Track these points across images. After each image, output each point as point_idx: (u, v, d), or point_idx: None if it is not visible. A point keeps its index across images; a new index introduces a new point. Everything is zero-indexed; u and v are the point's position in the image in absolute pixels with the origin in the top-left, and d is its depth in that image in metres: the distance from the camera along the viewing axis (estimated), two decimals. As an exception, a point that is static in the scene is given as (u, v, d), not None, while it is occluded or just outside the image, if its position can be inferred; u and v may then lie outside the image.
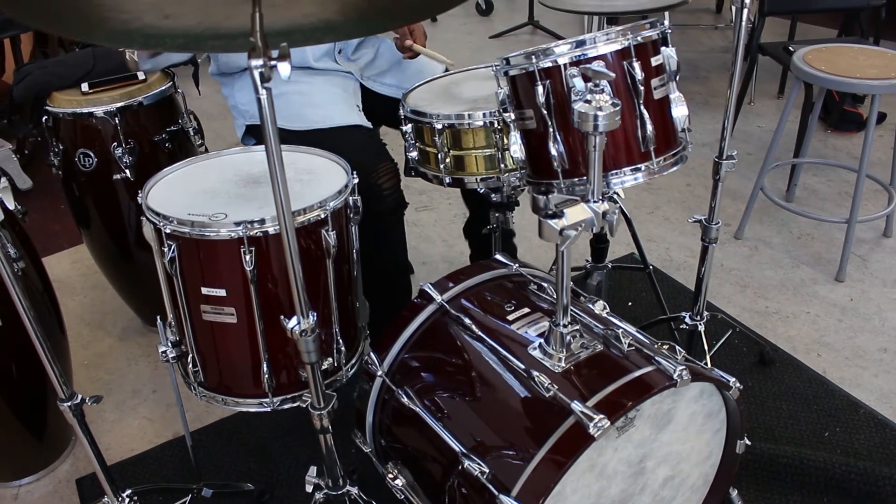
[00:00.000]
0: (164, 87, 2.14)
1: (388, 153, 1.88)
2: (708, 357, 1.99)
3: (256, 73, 1.00)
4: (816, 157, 3.35)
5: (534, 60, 1.30)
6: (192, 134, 2.22)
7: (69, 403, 1.45)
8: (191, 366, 1.59)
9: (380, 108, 2.08)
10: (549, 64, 1.29)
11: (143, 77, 2.14)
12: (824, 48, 2.65)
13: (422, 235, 2.91)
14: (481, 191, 1.87)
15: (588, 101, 1.14)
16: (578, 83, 1.20)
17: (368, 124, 1.95)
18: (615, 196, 1.43)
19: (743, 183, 3.06)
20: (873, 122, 2.46)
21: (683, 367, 1.28)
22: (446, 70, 2.03)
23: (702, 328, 1.98)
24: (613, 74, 1.15)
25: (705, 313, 1.99)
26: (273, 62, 1.01)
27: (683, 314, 2.01)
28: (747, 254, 2.76)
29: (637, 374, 1.30)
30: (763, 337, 2.32)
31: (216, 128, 3.61)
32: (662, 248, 2.79)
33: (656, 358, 1.33)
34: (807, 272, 2.65)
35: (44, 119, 2.11)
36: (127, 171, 2.08)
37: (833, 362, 2.24)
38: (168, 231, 1.43)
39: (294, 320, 1.21)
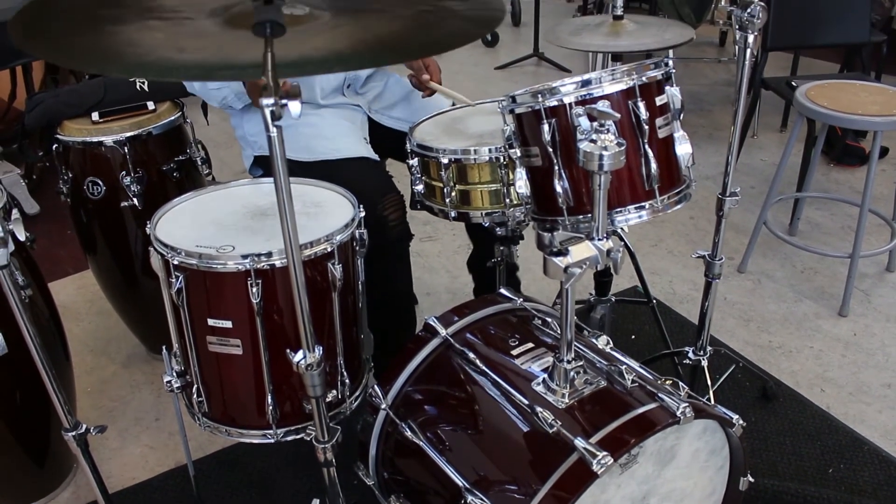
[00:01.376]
0: (173, 118, 2.17)
1: (394, 185, 1.90)
2: (711, 392, 1.99)
3: (268, 112, 1.02)
4: (819, 190, 3.37)
5: (540, 99, 1.32)
6: (199, 163, 2.25)
7: (74, 433, 1.46)
8: (195, 396, 1.60)
9: (387, 140, 2.10)
10: (555, 103, 1.31)
11: (153, 107, 2.17)
12: (826, 84, 2.68)
13: (426, 266, 2.92)
14: (486, 225, 1.88)
15: (593, 141, 1.15)
16: (584, 122, 1.22)
17: (375, 156, 1.97)
18: (619, 229, 1.44)
19: (746, 216, 3.07)
20: (875, 157, 2.47)
21: (686, 404, 1.28)
22: (453, 104, 2.05)
23: (705, 363, 1.99)
24: (619, 115, 1.17)
25: (708, 348, 1.99)
26: (284, 101, 1.02)
27: (687, 349, 2.01)
28: (750, 287, 2.76)
29: (640, 410, 1.31)
30: (766, 371, 2.32)
31: (222, 156, 3.64)
32: (666, 281, 2.80)
33: (659, 394, 1.33)
34: (810, 306, 2.65)
35: (54, 147, 2.14)
36: (135, 199, 2.10)
37: (837, 398, 2.24)
38: (176, 262, 1.44)
39: (300, 354, 1.21)
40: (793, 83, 3.05)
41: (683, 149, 1.43)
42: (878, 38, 3.61)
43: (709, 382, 1.99)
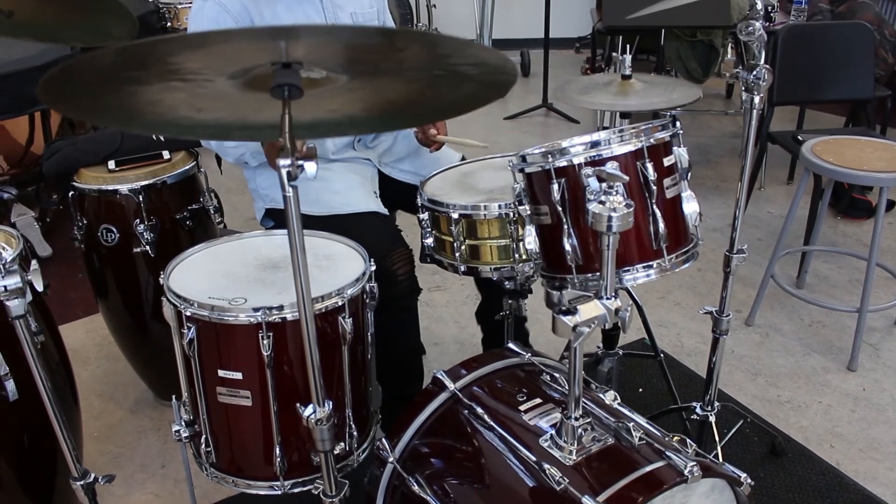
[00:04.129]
0: (187, 167, 2.21)
1: (403, 240, 1.92)
2: (719, 448, 1.98)
3: (284, 172, 1.05)
4: (826, 243, 3.38)
5: (549, 159, 1.35)
6: (212, 212, 2.28)
7: (82, 482, 1.46)
8: (203, 446, 1.60)
9: (397, 193, 2.13)
10: (565, 163, 1.34)
11: (168, 156, 2.21)
12: (832, 140, 2.71)
13: (434, 316, 2.92)
14: (495, 279, 1.90)
15: (602, 202, 1.17)
16: (593, 183, 1.24)
17: (385, 211, 2.00)
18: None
19: (753, 269, 3.08)
20: (882, 213, 2.49)
21: (694, 462, 1.28)
22: (463, 158, 2.08)
23: (712, 419, 1.98)
24: (627, 178, 1.20)
25: (716, 403, 1.99)
26: (300, 161, 1.05)
27: (694, 404, 2.01)
28: (758, 341, 2.76)
29: (648, 469, 1.30)
30: (775, 427, 2.31)
31: (234, 202, 3.68)
32: (673, 334, 2.80)
33: (667, 452, 1.33)
34: (818, 360, 2.65)
35: (70, 194, 2.17)
36: (147, 246, 2.13)
37: (847, 454, 2.22)
38: (188, 314, 1.46)
39: (310, 409, 1.22)
40: (799, 137, 3.09)
41: (691, 207, 1.45)
42: (882, 93, 3.65)
43: (717, 438, 1.98)
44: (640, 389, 2.48)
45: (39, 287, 1.35)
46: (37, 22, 1.11)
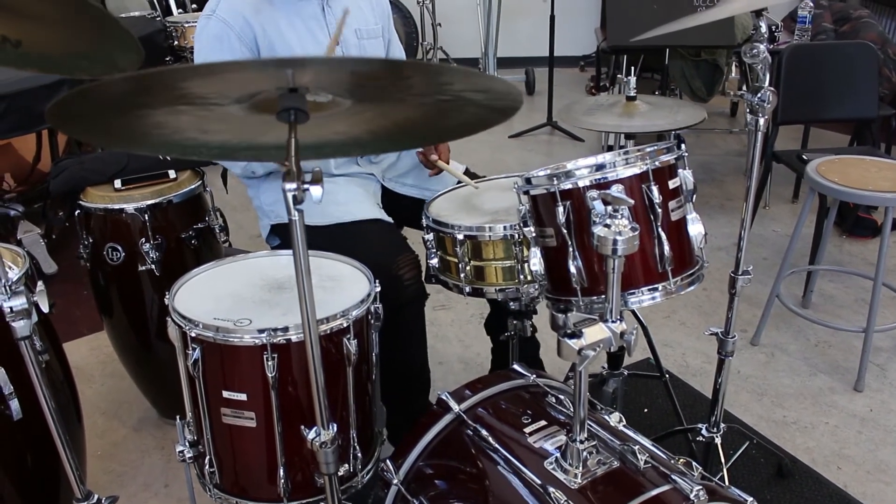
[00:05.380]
0: (193, 186, 2.22)
1: (408, 245, 1.92)
2: (725, 470, 1.97)
3: (290, 196, 1.05)
4: (832, 262, 3.38)
5: (555, 182, 1.35)
6: (217, 231, 2.29)
7: (85, 504, 1.46)
8: (207, 466, 1.60)
9: (401, 208, 2.14)
10: (570, 186, 1.34)
11: (174, 175, 2.22)
12: (837, 160, 2.71)
13: (439, 335, 2.92)
14: (500, 300, 1.89)
15: (607, 226, 1.17)
16: (598, 206, 1.24)
17: (389, 219, 2.00)
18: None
19: (759, 288, 3.08)
20: (887, 233, 2.49)
21: (700, 486, 1.27)
22: (467, 168, 2.08)
23: (718, 440, 1.97)
24: (632, 201, 1.20)
25: (722, 425, 1.98)
26: (306, 185, 1.05)
27: (700, 426, 2.00)
28: (764, 360, 2.75)
29: (653, 493, 1.29)
30: (781, 448, 2.29)
31: (239, 219, 3.69)
32: (679, 354, 2.79)
33: (672, 476, 1.32)
34: (824, 381, 2.63)
35: (76, 213, 2.18)
36: (152, 265, 2.13)
37: (854, 476, 2.20)
38: (193, 335, 1.46)
39: (314, 431, 1.22)
40: (804, 156, 3.09)
41: (696, 229, 1.45)
42: (886, 112, 3.66)
43: (722, 460, 1.97)
44: (646, 410, 2.47)
45: (45, 308, 1.35)
46: (45, 53, 1.12)
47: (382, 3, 2.19)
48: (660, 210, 1.35)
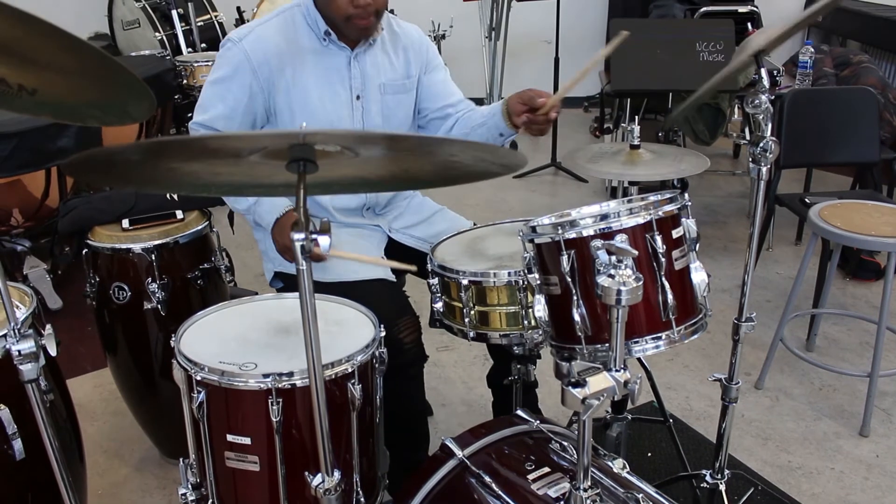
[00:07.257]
0: (200, 227, 2.24)
1: (410, 307, 1.93)
2: (730, 518, 1.96)
3: (297, 246, 1.06)
4: (836, 305, 3.38)
5: (559, 231, 1.36)
6: (223, 271, 2.30)
7: (86, 548, 1.45)
8: (209, 510, 1.59)
9: (407, 260, 2.13)
10: (574, 235, 1.35)
11: (181, 216, 2.24)
12: (839, 204, 2.72)
13: (441, 376, 2.91)
14: (504, 344, 1.90)
15: (612, 276, 1.19)
16: (602, 256, 1.25)
17: (392, 277, 2.00)
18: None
19: (763, 331, 3.07)
20: (891, 278, 2.49)
21: (705, 537, 1.27)
22: (475, 224, 2.09)
23: (723, 487, 1.96)
24: (636, 252, 1.21)
25: (726, 471, 1.97)
26: (314, 235, 1.07)
27: (704, 472, 1.99)
28: (768, 405, 2.74)
29: (658, 543, 1.29)
30: (787, 494, 2.27)
31: (244, 258, 3.71)
32: (682, 397, 2.78)
33: (677, 526, 1.32)
34: (830, 425, 2.62)
35: (83, 251, 2.20)
36: (158, 304, 2.15)
37: (860, 524, 2.19)
38: (199, 378, 1.46)
39: (318, 478, 1.22)
40: (806, 200, 3.11)
41: (699, 277, 1.46)
42: (887, 155, 3.69)
43: (727, 507, 1.96)
44: (649, 454, 2.46)
45: (53, 352, 1.36)
46: (59, 100, 1.14)
47: (421, 49, 2.14)
48: (663, 259, 1.36)
